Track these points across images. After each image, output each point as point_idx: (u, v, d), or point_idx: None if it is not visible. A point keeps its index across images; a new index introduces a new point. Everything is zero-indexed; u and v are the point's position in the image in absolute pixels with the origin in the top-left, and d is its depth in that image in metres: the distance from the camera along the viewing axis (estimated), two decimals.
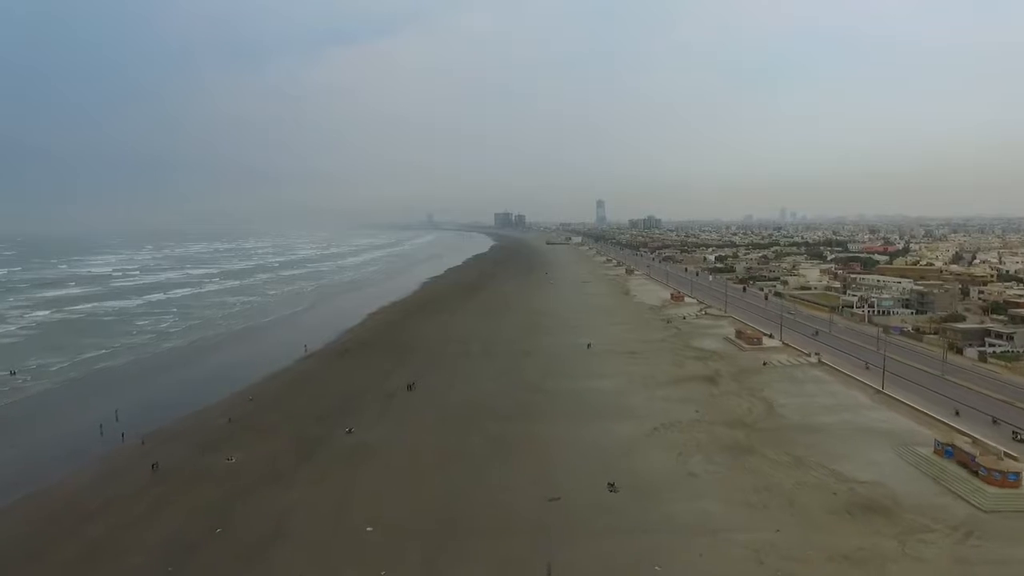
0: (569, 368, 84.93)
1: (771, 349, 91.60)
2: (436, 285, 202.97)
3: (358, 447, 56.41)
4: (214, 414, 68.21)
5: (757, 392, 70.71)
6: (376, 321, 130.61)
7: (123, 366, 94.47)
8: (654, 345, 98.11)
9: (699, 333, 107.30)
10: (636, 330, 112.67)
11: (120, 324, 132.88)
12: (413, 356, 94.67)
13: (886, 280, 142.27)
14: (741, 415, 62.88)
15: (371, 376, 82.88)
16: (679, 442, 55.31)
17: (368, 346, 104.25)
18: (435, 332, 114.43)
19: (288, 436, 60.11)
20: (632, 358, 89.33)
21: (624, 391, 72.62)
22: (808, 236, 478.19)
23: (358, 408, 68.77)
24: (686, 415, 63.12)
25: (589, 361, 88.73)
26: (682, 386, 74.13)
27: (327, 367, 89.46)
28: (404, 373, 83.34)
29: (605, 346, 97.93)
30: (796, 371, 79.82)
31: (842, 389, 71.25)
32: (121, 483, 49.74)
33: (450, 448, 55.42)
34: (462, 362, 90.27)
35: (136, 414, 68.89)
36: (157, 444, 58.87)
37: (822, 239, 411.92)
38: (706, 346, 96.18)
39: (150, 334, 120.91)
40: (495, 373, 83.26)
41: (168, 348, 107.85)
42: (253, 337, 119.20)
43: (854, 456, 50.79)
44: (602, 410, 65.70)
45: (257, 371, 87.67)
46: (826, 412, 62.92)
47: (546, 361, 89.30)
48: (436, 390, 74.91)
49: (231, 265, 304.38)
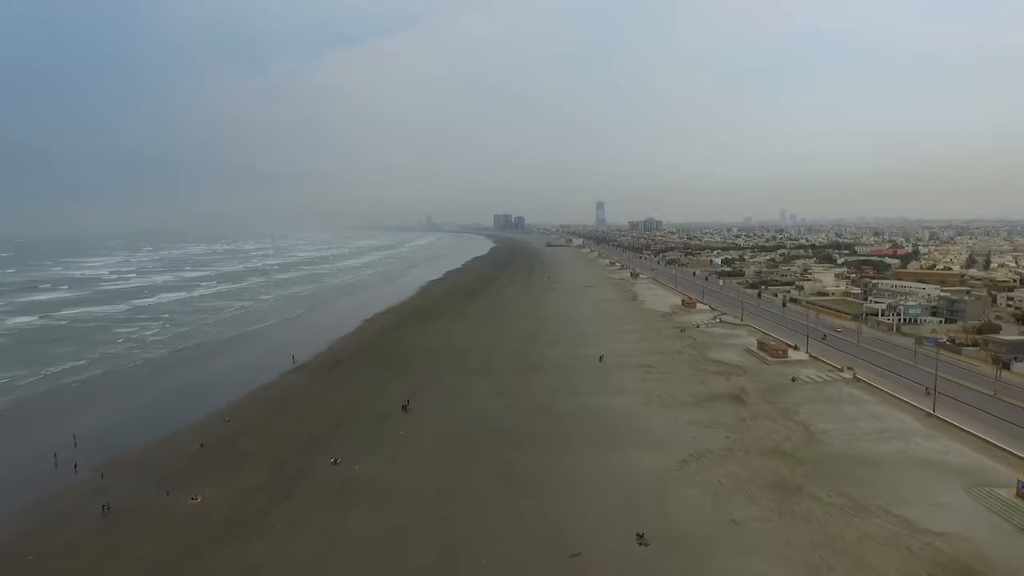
0: (580, 384, 77.68)
1: (798, 363, 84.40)
2: (435, 289, 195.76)
3: (344, 483, 49.12)
4: (186, 438, 60.96)
5: (791, 414, 63.47)
6: (371, 329, 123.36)
7: (95, 380, 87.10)
8: (670, 357, 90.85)
9: (717, 344, 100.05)
10: (648, 340, 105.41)
11: (101, 332, 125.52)
12: (409, 369, 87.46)
13: (910, 286, 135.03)
14: (778, 442, 55.64)
15: (363, 393, 75.62)
16: (714, 478, 48.07)
17: (361, 357, 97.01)
18: (433, 341, 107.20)
19: (265, 467, 52.86)
20: (648, 372, 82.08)
21: (643, 412, 65.36)
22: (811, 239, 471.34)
23: (346, 432, 61.52)
24: (716, 442, 55.91)
25: (601, 376, 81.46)
26: (707, 406, 66.88)
27: (315, 382, 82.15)
28: (399, 389, 76.12)
29: (617, 358, 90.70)
30: (829, 388, 72.60)
31: (886, 411, 64.02)
32: (61, 532, 42.38)
33: (450, 486, 48.12)
34: (463, 376, 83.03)
35: (98, 438, 61.73)
36: (115, 477, 51.62)
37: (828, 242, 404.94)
38: (727, 359, 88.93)
39: (131, 343, 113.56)
40: (499, 389, 76.03)
41: (147, 359, 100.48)
42: (240, 346, 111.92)
43: (920, 498, 43.56)
44: (621, 436, 58.45)
45: (239, 386, 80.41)
46: (874, 439, 55.70)
47: (554, 375, 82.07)
48: (434, 410, 67.65)
49: (227, 268, 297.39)
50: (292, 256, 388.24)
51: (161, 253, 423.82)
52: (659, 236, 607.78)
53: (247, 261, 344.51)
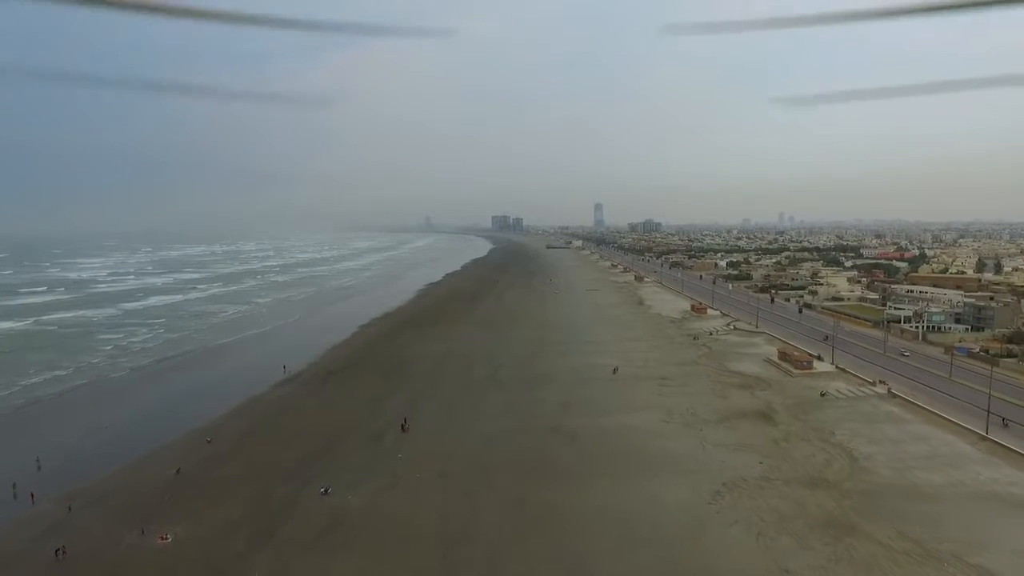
0: (593, 398, 72.05)
1: (825, 375, 78.90)
2: (434, 293, 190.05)
3: (335, 519, 43.43)
4: (162, 462, 55.22)
5: (827, 435, 57.90)
6: (368, 335, 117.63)
7: (72, 393, 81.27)
8: (686, 369, 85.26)
9: (734, 353, 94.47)
10: (660, 348, 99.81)
11: (85, 338, 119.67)
12: (408, 380, 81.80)
13: (931, 291, 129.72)
14: (819, 469, 50.08)
15: (357, 408, 69.91)
16: (754, 513, 42.47)
17: (357, 367, 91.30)
18: (433, 349, 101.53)
19: (247, 498, 47.16)
20: (665, 385, 76.49)
21: (665, 432, 59.75)
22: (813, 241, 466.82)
23: (339, 455, 55.85)
24: (749, 468, 50.34)
25: (615, 389, 75.83)
26: (733, 425, 61.30)
27: (307, 395, 76.39)
28: (397, 404, 70.49)
29: (630, 369, 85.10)
30: (863, 405, 67.06)
31: (931, 432, 58.48)
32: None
33: (454, 525, 42.43)
34: (466, 389, 77.39)
35: (66, 462, 56.07)
36: (78, 509, 45.89)
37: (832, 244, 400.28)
38: (747, 370, 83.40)
39: (115, 350, 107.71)
40: (505, 405, 70.40)
41: (131, 369, 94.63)
42: (230, 354, 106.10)
43: (996, 542, 38.00)
44: (644, 460, 52.86)
45: (225, 399, 74.74)
46: (925, 467, 50.15)
47: (565, 388, 76.43)
48: (435, 430, 61.95)
49: (223, 269, 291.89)
50: (290, 258, 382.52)
51: (160, 254, 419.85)
52: (659, 238, 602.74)
53: (245, 263, 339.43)
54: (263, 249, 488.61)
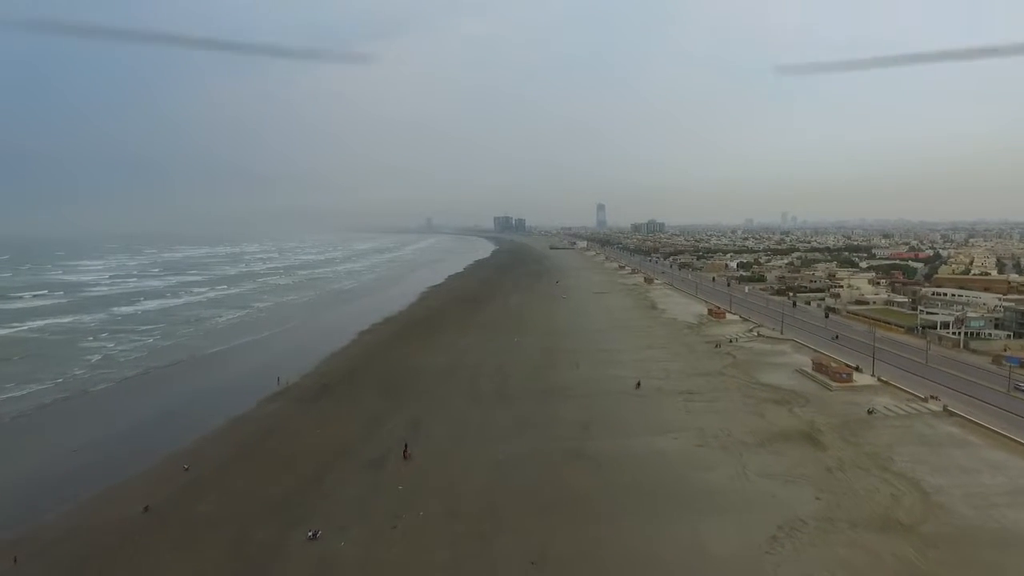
0: (615, 416, 65.17)
1: (867, 388, 71.90)
2: (436, 296, 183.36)
3: (324, 573, 36.67)
4: (130, 496, 48.54)
5: (886, 462, 50.97)
6: (367, 343, 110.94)
7: (42, 411, 74.56)
8: (713, 381, 78.34)
9: (762, 363, 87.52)
10: (681, 357, 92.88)
11: (71, 346, 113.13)
12: (409, 395, 75.08)
13: (964, 294, 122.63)
14: (886, 506, 43.16)
15: (354, 428, 63.16)
16: (823, 569, 35.59)
17: (354, 379, 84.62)
18: (437, 359, 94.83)
19: (223, 544, 40.44)
20: (692, 401, 69.61)
21: (701, 458, 52.86)
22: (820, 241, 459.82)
23: (332, 487, 49.10)
24: (805, 505, 43.45)
25: (638, 405, 68.92)
26: (776, 449, 54.40)
27: (298, 413, 69.60)
28: (398, 423, 63.79)
29: (652, 381, 78.24)
30: (919, 425, 60.08)
31: (1005, 459, 51.49)
32: None
33: None
34: (473, 405, 70.59)
35: (19, 498, 49.50)
36: (24, 561, 39.21)
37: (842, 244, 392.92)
38: (779, 382, 76.45)
39: (100, 360, 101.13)
40: (517, 424, 63.58)
41: (113, 382, 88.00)
42: (221, 365, 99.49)
43: None
44: (681, 494, 46.01)
45: (210, 418, 68.15)
46: (1012, 503, 43.19)
47: (583, 404, 69.58)
48: (441, 455, 55.14)
49: (221, 271, 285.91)
50: (291, 260, 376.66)
51: (164, 256, 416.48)
52: (665, 238, 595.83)
53: (246, 265, 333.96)
54: (267, 251, 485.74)
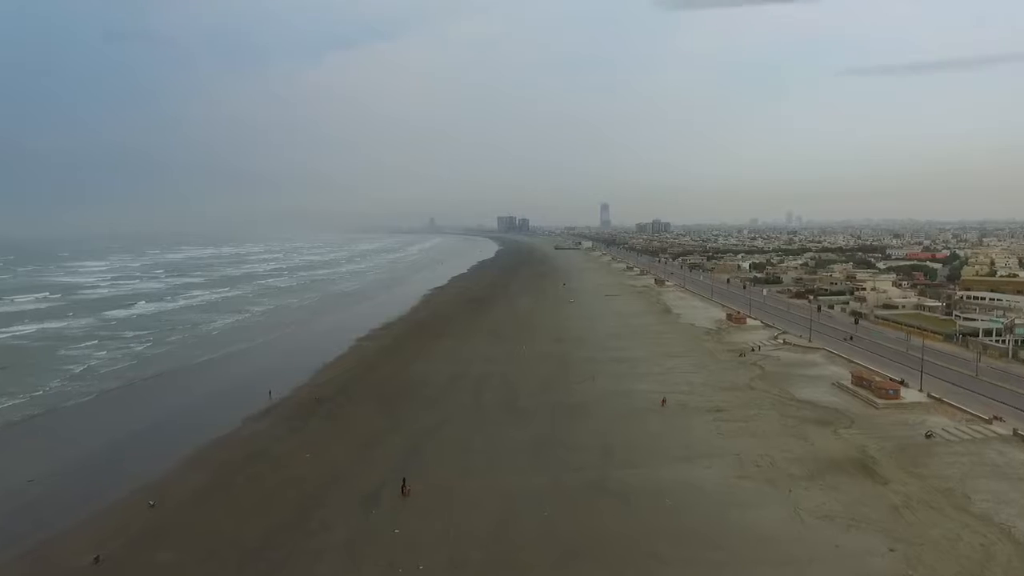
0: (639, 439, 58.08)
1: (917, 407, 64.64)
2: (439, 298, 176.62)
3: None
4: (82, 540, 41.69)
5: (960, 500, 43.78)
6: (366, 351, 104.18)
7: (4, 432, 67.82)
8: (742, 396, 71.22)
9: (794, 375, 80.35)
10: (704, 367, 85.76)
11: (51, 354, 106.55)
12: (409, 412, 68.23)
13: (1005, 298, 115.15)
14: (977, 562, 36.00)
15: (346, 453, 56.28)
16: None
17: (350, 391, 77.93)
18: (440, 369, 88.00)
19: None
20: (722, 420, 62.47)
21: (743, 494, 45.72)
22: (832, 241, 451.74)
23: (317, 530, 42.15)
24: (878, 559, 36.36)
25: (663, 425, 61.77)
26: (829, 482, 47.22)
27: (285, 434, 62.69)
28: (396, 448, 56.95)
29: (674, 395, 71.08)
30: (988, 452, 52.82)
31: None
32: None
33: None
34: (480, 425, 63.63)
35: None
36: None
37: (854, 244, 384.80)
38: (817, 398, 69.28)
39: (79, 371, 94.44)
40: (530, 448, 56.62)
41: (89, 395, 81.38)
42: (208, 375, 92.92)
43: None
44: (725, 541, 38.90)
45: (185, 440, 61.34)
46: None
47: (601, 424, 62.52)
48: (443, 490, 48.09)
49: (222, 273, 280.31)
50: (293, 261, 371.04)
51: (168, 256, 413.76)
52: (671, 239, 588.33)
53: (249, 265, 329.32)
54: (271, 251, 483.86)
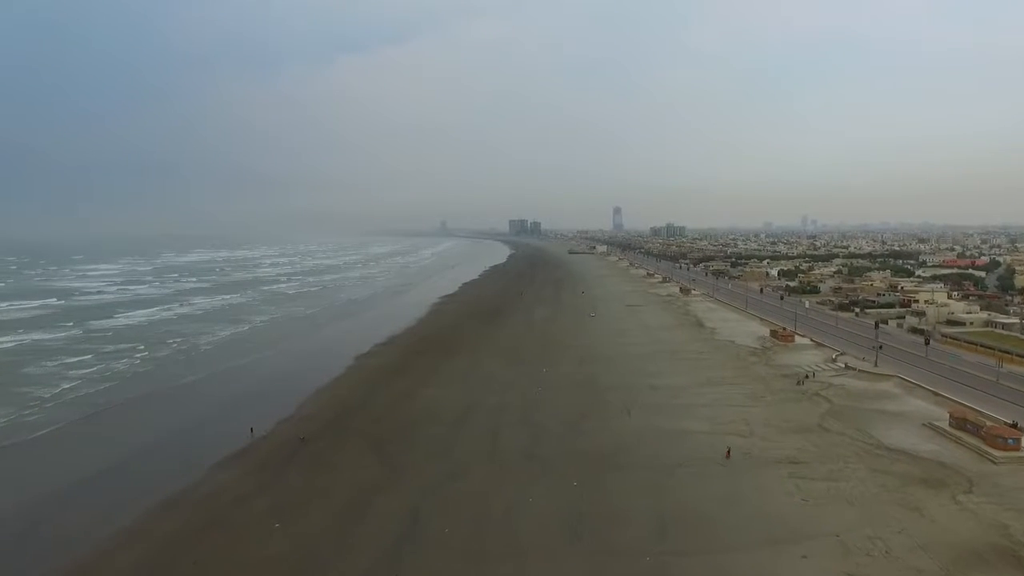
0: (698, 508, 45.35)
1: None
2: (449, 308, 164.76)
3: None
4: None
5: None
6: (365, 371, 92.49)
7: None
8: (815, 440, 58.33)
9: (868, 411, 67.32)
10: (760, 400, 72.82)
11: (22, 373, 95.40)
12: (411, 459, 56.24)
13: None
14: None
15: (324, 526, 44.05)
16: None
17: (341, 427, 66.13)
18: (448, 398, 76.02)
19: None
20: (802, 478, 49.62)
21: None
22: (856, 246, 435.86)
23: None
24: None
25: (727, 487, 48.98)
26: None
27: (253, 492, 50.38)
28: (389, 515, 44.85)
29: (731, 438, 58.37)
30: None
31: None
32: None
33: None
34: (495, 480, 51.31)
35: None
36: None
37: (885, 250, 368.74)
38: (910, 446, 56.28)
39: (48, 394, 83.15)
40: (560, 515, 44.25)
41: (48, 427, 69.93)
42: (187, 402, 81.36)
43: None
44: None
45: (133, 498, 49.78)
46: None
47: (648, 482, 49.81)
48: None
49: (228, 278, 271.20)
50: (297, 265, 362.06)
51: (180, 259, 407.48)
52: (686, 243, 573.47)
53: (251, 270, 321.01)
54: (284, 254, 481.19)
